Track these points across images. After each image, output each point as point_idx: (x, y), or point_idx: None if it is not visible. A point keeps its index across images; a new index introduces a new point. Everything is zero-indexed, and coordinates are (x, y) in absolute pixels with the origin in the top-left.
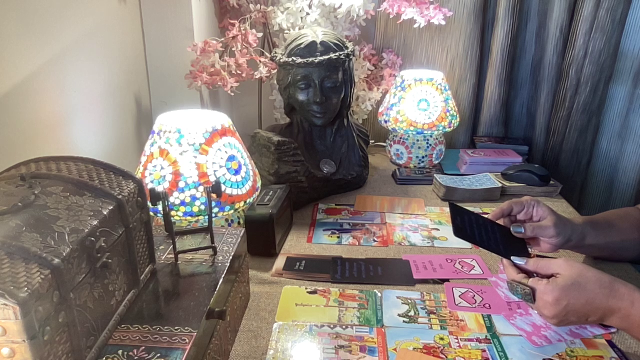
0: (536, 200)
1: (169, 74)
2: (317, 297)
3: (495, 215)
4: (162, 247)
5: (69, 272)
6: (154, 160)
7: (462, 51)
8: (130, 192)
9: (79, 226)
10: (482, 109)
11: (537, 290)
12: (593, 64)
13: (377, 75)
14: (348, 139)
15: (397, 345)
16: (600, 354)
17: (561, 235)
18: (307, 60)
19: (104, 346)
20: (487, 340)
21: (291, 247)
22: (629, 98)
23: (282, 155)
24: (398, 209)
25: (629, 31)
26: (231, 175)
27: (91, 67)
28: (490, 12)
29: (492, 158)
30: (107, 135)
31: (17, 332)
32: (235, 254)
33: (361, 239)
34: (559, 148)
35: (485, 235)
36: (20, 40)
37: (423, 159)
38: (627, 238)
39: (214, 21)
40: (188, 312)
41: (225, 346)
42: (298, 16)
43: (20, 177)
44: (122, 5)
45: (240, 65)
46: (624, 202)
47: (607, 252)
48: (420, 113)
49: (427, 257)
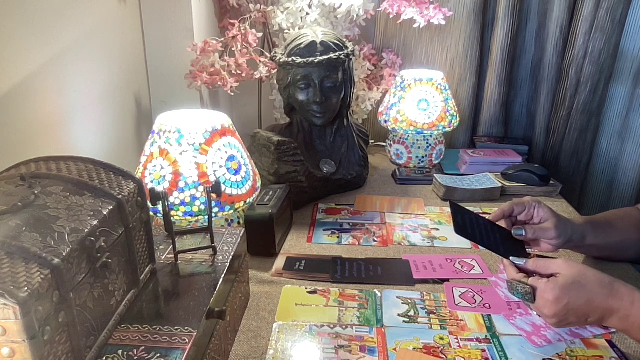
0: (537, 201)
1: (169, 74)
2: (317, 297)
3: (497, 217)
4: (162, 247)
5: (69, 272)
6: (154, 160)
7: (462, 51)
8: (130, 192)
9: (79, 226)
10: (482, 109)
11: (538, 289)
12: (593, 64)
13: (377, 75)
14: (348, 139)
15: (397, 345)
16: (600, 354)
17: (562, 237)
18: (307, 60)
19: (104, 346)
20: (487, 340)
21: (291, 247)
22: (629, 98)
23: (282, 155)
24: (398, 209)
25: (629, 31)
26: (231, 175)
27: (91, 67)
28: (490, 12)
29: (492, 158)
30: (107, 135)
31: (17, 332)
32: (235, 254)
33: (361, 239)
34: (559, 148)
35: (486, 235)
36: (20, 40)
37: (423, 159)
38: (627, 238)
39: (214, 21)
40: (188, 312)
41: (225, 346)
42: (298, 16)
43: (20, 177)
44: (122, 5)
45: (240, 65)
46: (624, 202)
47: (607, 252)
48: (420, 113)
49: (427, 257)
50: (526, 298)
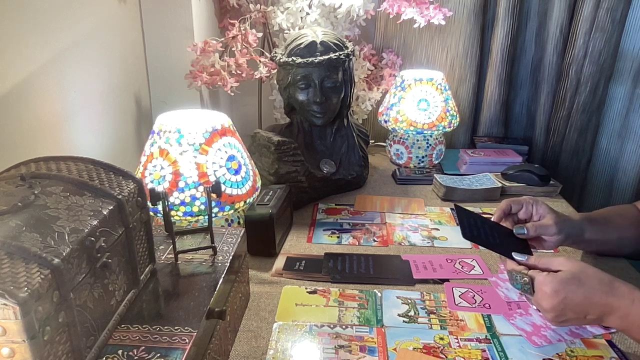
0: (534, 199)
1: (169, 74)
2: (317, 297)
3: (498, 217)
4: (162, 247)
5: (69, 272)
6: (154, 160)
7: (462, 51)
8: (130, 192)
9: (79, 226)
10: (482, 109)
11: (537, 281)
12: (593, 64)
13: (377, 75)
14: (348, 139)
15: (397, 345)
16: (600, 354)
17: (562, 233)
18: (307, 60)
19: (104, 346)
20: (487, 340)
21: (291, 247)
22: (629, 98)
23: (282, 155)
24: (398, 209)
25: (629, 31)
26: (231, 175)
27: (91, 67)
28: (490, 12)
29: (492, 158)
30: (107, 135)
31: (17, 332)
32: (235, 254)
33: (361, 239)
34: (559, 148)
35: (491, 236)
36: (20, 41)
37: (423, 159)
38: (624, 235)
39: (214, 21)
40: (188, 312)
41: (225, 346)
42: (298, 16)
43: (20, 177)
44: (122, 5)
45: (240, 65)
46: (624, 202)
47: (604, 248)
48: (420, 113)
49: (427, 257)
50: (525, 289)
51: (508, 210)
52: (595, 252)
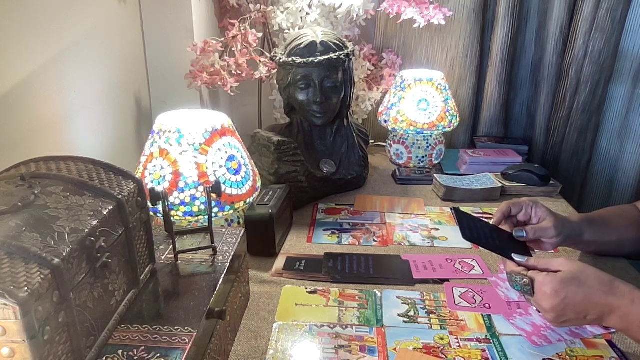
0: (534, 201)
1: (169, 74)
2: (317, 297)
3: (498, 220)
4: (162, 247)
5: (69, 272)
6: (154, 160)
7: (462, 51)
8: (130, 192)
9: (79, 226)
10: (482, 109)
11: (537, 282)
12: (593, 64)
13: (377, 75)
14: (348, 139)
15: (397, 345)
16: (600, 354)
17: (562, 234)
18: (307, 60)
19: (104, 346)
20: (487, 340)
21: (291, 247)
22: (629, 98)
23: (282, 155)
24: (398, 209)
25: (629, 31)
26: (231, 175)
27: (91, 67)
28: (490, 12)
29: (492, 158)
30: (107, 135)
31: (17, 332)
32: (235, 254)
33: (361, 239)
34: (559, 148)
35: (491, 238)
36: (20, 41)
37: (423, 159)
38: (624, 236)
39: (214, 21)
40: (188, 312)
41: (225, 346)
42: (298, 16)
43: (20, 177)
44: (122, 5)
45: (240, 65)
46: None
47: (603, 249)
48: (420, 113)
49: (427, 257)
50: (525, 290)
51: (507, 213)
52: (595, 253)
